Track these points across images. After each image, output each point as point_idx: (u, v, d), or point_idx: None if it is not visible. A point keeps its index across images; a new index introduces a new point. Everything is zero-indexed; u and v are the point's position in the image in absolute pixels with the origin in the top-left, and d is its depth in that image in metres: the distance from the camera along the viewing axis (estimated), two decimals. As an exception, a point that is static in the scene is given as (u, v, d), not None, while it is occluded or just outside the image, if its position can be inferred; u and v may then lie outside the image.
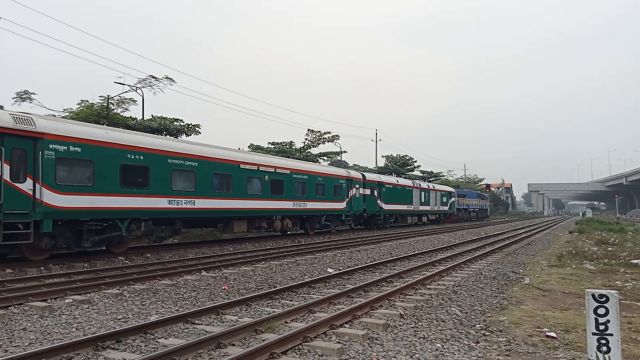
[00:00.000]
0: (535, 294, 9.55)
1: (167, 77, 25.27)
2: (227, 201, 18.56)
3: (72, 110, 23.71)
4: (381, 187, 32.76)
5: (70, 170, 13.01)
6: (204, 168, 17.40)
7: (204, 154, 17.65)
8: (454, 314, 7.60)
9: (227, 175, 18.61)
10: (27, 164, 12.05)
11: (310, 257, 15.23)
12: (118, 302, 8.38)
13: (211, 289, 9.64)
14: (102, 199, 13.72)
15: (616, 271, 13.04)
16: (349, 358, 5.36)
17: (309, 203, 24.05)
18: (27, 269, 11.83)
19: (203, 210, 17.37)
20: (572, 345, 6.06)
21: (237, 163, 19.26)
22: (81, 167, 13.32)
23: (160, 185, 15.53)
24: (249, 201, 19.79)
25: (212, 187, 17.78)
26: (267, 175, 21.01)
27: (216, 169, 18.04)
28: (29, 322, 6.93)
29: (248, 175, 19.80)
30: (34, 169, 12.15)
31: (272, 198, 21.25)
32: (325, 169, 27.88)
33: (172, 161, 16.07)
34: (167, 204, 15.84)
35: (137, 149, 14.85)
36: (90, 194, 13.43)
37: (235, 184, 19.02)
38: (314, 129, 39.63)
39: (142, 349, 5.60)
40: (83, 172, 13.38)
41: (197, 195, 17.00)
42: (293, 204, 22.85)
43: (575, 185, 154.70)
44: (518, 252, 18.22)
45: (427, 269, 12.71)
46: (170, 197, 15.92)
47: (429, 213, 43.36)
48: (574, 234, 29.85)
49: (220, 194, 18.27)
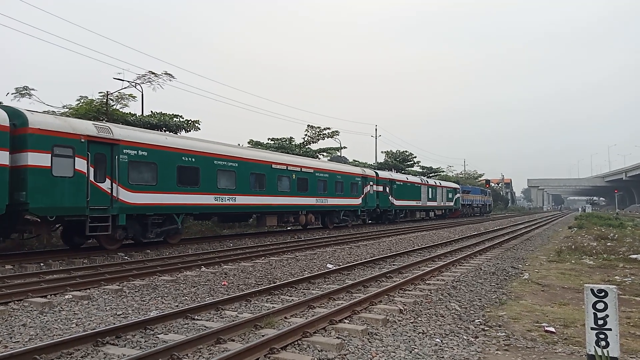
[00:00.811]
0: (535, 289, 9.57)
1: (167, 72, 25.19)
2: (262, 198, 20.69)
3: (72, 107, 23.67)
4: (392, 184, 34.51)
5: (139, 172, 15.04)
6: (243, 168, 19.51)
7: (243, 155, 19.93)
8: (453, 309, 7.61)
9: (261, 175, 20.72)
10: (106, 166, 14.04)
11: (309, 253, 15.25)
12: (118, 298, 8.39)
13: (211, 285, 9.65)
14: (163, 196, 15.77)
15: (615, 266, 13.06)
16: (348, 353, 5.37)
17: (330, 199, 26.16)
18: (26, 265, 11.85)
19: (242, 206, 19.47)
20: (571, 340, 6.08)
21: (269, 163, 21.37)
22: (147, 168, 15.36)
23: (208, 183, 17.60)
24: (280, 198, 21.90)
25: (249, 185, 19.93)
26: (294, 174, 23.11)
27: (252, 169, 20.17)
28: (28, 318, 6.94)
29: (278, 174, 21.89)
30: (112, 171, 14.13)
31: (298, 195, 23.28)
32: (344, 167, 29.60)
33: (217, 162, 18.14)
34: (214, 201, 17.89)
35: (189, 152, 16.97)
36: (154, 191, 15.47)
37: (268, 183, 21.12)
38: (313, 125, 39.60)
39: (142, 345, 5.62)
40: (149, 173, 15.41)
41: (237, 193, 19.11)
42: (316, 200, 24.89)
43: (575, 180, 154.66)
44: (517, 247, 18.25)
45: (427, 264, 12.73)
46: (216, 194, 17.97)
47: (436, 209, 45.15)
48: (574, 229, 29.89)
49: (256, 191, 20.34)
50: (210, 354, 5.27)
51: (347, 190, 28.17)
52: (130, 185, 14.58)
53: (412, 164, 59.66)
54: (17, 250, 14.64)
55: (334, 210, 27.30)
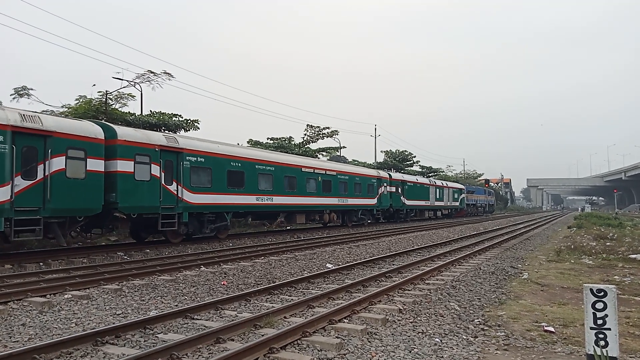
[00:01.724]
0: (534, 289, 9.58)
1: (166, 72, 25.17)
2: (293, 198, 23.02)
3: (71, 106, 23.65)
4: (404, 185, 36.82)
5: (198, 176, 17.23)
6: (278, 172, 21.90)
7: (278, 160, 22.39)
8: (452, 308, 7.62)
9: (293, 177, 23.08)
10: (173, 171, 16.25)
11: (309, 253, 15.25)
12: (117, 297, 8.39)
13: (210, 285, 9.65)
14: (216, 197, 18.03)
15: (614, 266, 13.07)
16: (347, 353, 5.38)
17: (349, 199, 28.60)
18: (26, 264, 11.84)
19: (277, 205, 21.86)
20: (570, 339, 6.08)
21: (299, 167, 23.85)
22: (204, 173, 17.58)
23: (251, 186, 20.01)
24: (308, 198, 24.28)
25: (283, 187, 22.22)
26: (320, 177, 25.50)
27: (286, 172, 22.54)
28: (28, 317, 6.93)
29: (307, 177, 24.27)
30: (177, 175, 16.35)
31: (323, 195, 25.70)
32: (361, 170, 32.24)
33: (258, 167, 20.55)
34: (255, 201, 20.34)
35: (236, 158, 19.39)
36: (210, 193, 17.74)
37: (299, 184, 23.49)
38: (313, 125, 39.60)
39: (141, 344, 5.62)
40: (205, 177, 17.61)
41: (274, 194, 21.46)
42: (338, 200, 27.34)
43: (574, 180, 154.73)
44: (517, 247, 18.26)
45: (426, 264, 12.73)
46: (257, 195, 20.39)
47: (443, 208, 47.34)
48: (573, 229, 29.91)
49: (289, 192, 22.64)
50: (209, 354, 5.27)
51: (364, 191, 30.40)
52: (192, 187, 16.90)
53: (411, 163, 59.67)
54: (16, 250, 14.63)
55: (353, 210, 29.55)
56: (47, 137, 12.62)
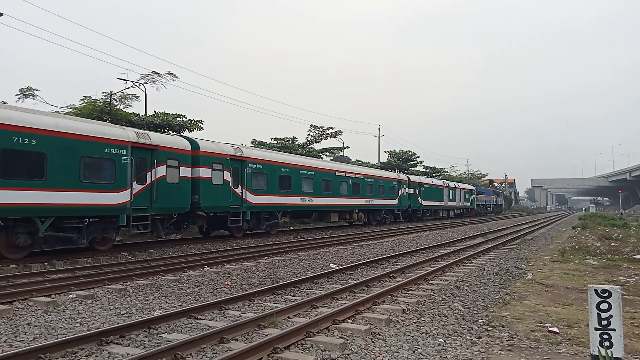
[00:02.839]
0: (538, 290, 9.55)
1: (170, 72, 25.23)
2: (329, 199, 25.93)
3: (75, 107, 23.74)
4: (421, 187, 39.61)
5: (257, 180, 20.17)
6: (317, 176, 24.89)
7: (317, 165, 25.63)
8: (456, 309, 7.61)
9: (328, 180, 25.93)
10: (239, 176, 19.11)
11: (312, 253, 15.25)
12: (121, 297, 8.42)
13: (214, 285, 9.67)
14: (271, 198, 20.98)
15: (619, 266, 13.02)
16: (351, 353, 5.38)
17: (374, 200, 31.39)
18: (31, 264, 11.90)
19: (317, 205, 24.76)
20: (575, 340, 6.07)
21: (334, 171, 26.78)
22: (262, 177, 20.53)
23: (296, 188, 22.89)
24: (340, 199, 27.19)
25: (321, 189, 25.12)
26: (350, 180, 28.37)
27: (323, 176, 25.47)
28: (33, 317, 6.97)
29: (340, 180, 27.11)
30: (242, 179, 19.25)
31: (353, 196, 28.54)
32: (385, 173, 35.52)
33: (301, 172, 23.48)
34: (300, 201, 23.19)
35: (285, 164, 22.36)
36: (266, 194, 20.64)
37: (333, 187, 26.40)
38: (316, 125, 39.59)
39: (145, 344, 5.63)
40: (263, 181, 20.57)
41: (314, 195, 24.42)
42: (365, 201, 30.16)
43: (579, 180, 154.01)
44: (521, 247, 18.21)
45: (430, 264, 12.72)
46: (301, 196, 23.23)
47: (455, 208, 50.02)
48: (577, 229, 29.79)
49: (325, 193, 25.50)
50: (213, 354, 5.29)
51: (387, 192, 33.28)
52: (253, 190, 19.81)
53: (415, 163, 59.54)
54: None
55: (377, 210, 32.47)
56: (153, 150, 15.27)
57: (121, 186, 14.04)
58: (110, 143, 13.86)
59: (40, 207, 12.08)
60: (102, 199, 13.58)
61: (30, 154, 11.89)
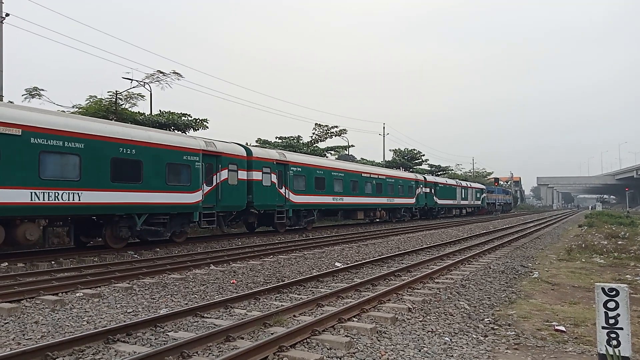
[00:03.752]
0: (544, 288, 9.51)
1: (175, 72, 25.30)
2: (356, 198, 28.49)
3: (81, 106, 23.84)
4: (436, 186, 41.96)
5: (297, 181, 22.76)
6: (346, 177, 27.39)
7: (346, 167, 28.17)
8: (462, 307, 7.59)
9: (356, 181, 28.45)
10: (282, 178, 21.60)
11: (318, 252, 15.26)
12: (128, 295, 8.46)
13: (220, 283, 9.70)
14: (308, 197, 23.52)
15: (626, 265, 12.94)
16: (357, 352, 5.38)
17: (395, 199, 34.07)
18: (38, 263, 11.98)
19: (346, 204, 27.38)
20: (582, 339, 6.04)
21: (360, 173, 29.39)
22: (301, 179, 23.09)
23: (329, 188, 25.46)
24: (366, 198, 29.76)
25: (350, 189, 27.58)
26: (374, 180, 30.89)
27: (352, 177, 28.05)
28: (40, 315, 7.01)
29: (365, 180, 29.66)
30: (285, 181, 21.78)
31: (376, 196, 31.09)
32: (404, 174, 38.49)
33: (333, 174, 26.10)
34: (332, 200, 25.85)
35: (320, 167, 25.09)
36: (305, 194, 23.21)
37: (360, 187, 28.87)
38: (321, 124, 39.58)
39: (152, 342, 5.66)
40: (302, 182, 23.13)
41: (344, 195, 26.94)
42: (387, 200, 32.79)
43: (585, 178, 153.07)
44: (527, 246, 18.14)
45: (435, 262, 12.69)
46: (333, 195, 25.84)
47: (467, 207, 52.33)
48: (584, 227, 29.63)
49: (353, 193, 27.96)
50: (219, 352, 5.30)
51: (406, 192, 35.87)
52: (294, 190, 22.34)
53: (420, 162, 59.41)
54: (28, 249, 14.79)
55: (397, 208, 35.05)
56: (218, 156, 17.77)
57: (195, 187, 16.58)
58: (187, 151, 16.37)
59: (138, 206, 14.61)
60: (182, 199, 16.08)
61: (131, 162, 14.41)
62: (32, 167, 11.88)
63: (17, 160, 11.58)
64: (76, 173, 12.88)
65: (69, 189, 12.65)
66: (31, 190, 11.82)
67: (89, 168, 13.15)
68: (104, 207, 13.65)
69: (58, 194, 12.40)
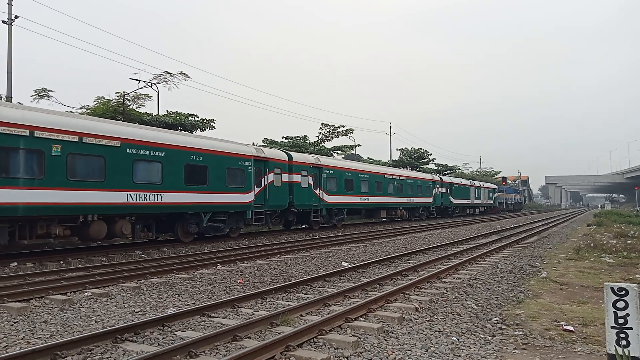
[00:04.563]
0: (553, 288, 9.45)
1: (182, 72, 25.39)
2: (380, 198, 30.73)
3: (89, 107, 24.00)
4: (452, 186, 44.02)
5: (330, 183, 24.91)
6: (372, 179, 29.66)
7: (372, 170, 30.69)
8: (469, 307, 7.56)
9: (380, 182, 30.67)
10: (317, 180, 23.79)
11: (324, 251, 15.26)
12: (136, 295, 8.50)
13: (227, 283, 9.72)
14: (339, 198, 25.79)
15: (636, 264, 12.82)
16: (364, 351, 5.37)
17: (414, 199, 36.28)
18: (47, 262, 12.07)
19: (371, 203, 29.73)
20: (590, 339, 5.99)
21: (383, 174, 31.73)
22: (333, 181, 25.34)
23: (357, 189, 27.79)
24: (389, 198, 32.11)
25: (374, 190, 29.80)
26: (396, 181, 33.10)
27: (376, 179, 30.29)
28: (49, 314, 7.07)
29: (388, 181, 31.92)
30: (319, 183, 23.96)
31: (398, 196, 33.35)
32: (422, 175, 40.56)
33: (360, 175, 28.36)
34: (359, 200, 28.13)
35: (349, 170, 27.25)
36: (336, 195, 25.45)
37: (383, 187, 31.05)
38: (327, 123, 39.57)
39: (159, 341, 5.69)
40: (334, 184, 25.33)
41: (370, 195, 29.21)
42: (407, 200, 34.97)
43: (594, 177, 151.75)
44: (535, 245, 18.03)
45: (443, 262, 12.65)
46: (360, 196, 28.13)
47: (480, 206, 54.32)
48: (592, 226, 29.40)
49: (377, 193, 30.25)
50: (227, 351, 5.32)
51: (424, 192, 38.04)
52: (328, 191, 24.55)
53: (427, 161, 59.23)
54: (37, 249, 14.92)
55: (416, 207, 37.34)
56: (265, 161, 20.12)
57: (248, 189, 18.87)
58: (242, 157, 18.73)
59: (205, 205, 16.90)
60: (238, 199, 18.37)
61: (199, 167, 16.66)
62: (127, 172, 14.23)
63: (117, 167, 13.93)
64: (159, 177, 15.23)
65: (154, 191, 15.02)
66: (127, 192, 14.18)
67: (168, 173, 15.50)
68: (179, 207, 15.99)
69: (146, 195, 14.77)
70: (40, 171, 12.13)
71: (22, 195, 11.70)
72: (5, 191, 11.36)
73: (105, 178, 13.56)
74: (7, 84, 20.20)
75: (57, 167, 12.43)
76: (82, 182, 13.01)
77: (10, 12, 20.70)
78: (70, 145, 12.75)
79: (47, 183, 12.21)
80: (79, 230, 13.45)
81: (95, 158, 13.42)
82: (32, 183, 11.94)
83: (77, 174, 12.96)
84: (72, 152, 12.82)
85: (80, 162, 13.08)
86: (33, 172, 12.03)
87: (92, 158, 13.34)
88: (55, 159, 12.39)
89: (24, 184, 11.78)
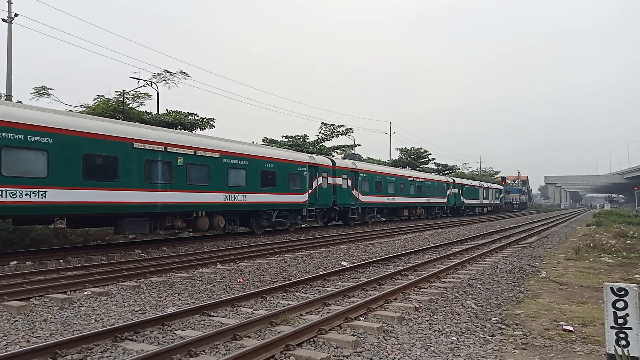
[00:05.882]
0: (552, 288, 9.46)
1: (182, 71, 25.40)
2: (403, 198, 34.23)
3: (89, 106, 23.99)
4: (463, 187, 47.29)
5: (363, 185, 28.21)
6: (397, 181, 33.19)
7: (397, 173, 34.59)
8: (469, 307, 7.56)
9: (403, 184, 34.12)
10: (353, 182, 27.15)
11: (324, 251, 15.26)
12: (135, 294, 8.50)
13: (227, 282, 9.73)
14: (371, 198, 29.35)
15: (635, 264, 12.83)
16: (364, 351, 5.38)
17: (432, 199, 39.39)
18: (46, 261, 12.07)
19: (395, 203, 33.15)
20: (590, 339, 6.00)
21: (406, 177, 35.43)
22: (366, 183, 28.70)
23: (385, 190, 31.16)
24: (411, 198, 35.48)
25: (399, 191, 33.36)
26: (416, 183, 36.60)
27: (400, 181, 33.81)
28: (49, 313, 7.07)
29: (409, 183, 35.34)
30: (355, 184, 27.32)
31: (417, 196, 36.68)
32: (437, 177, 43.97)
33: (388, 178, 31.79)
34: (387, 200, 31.74)
35: (379, 173, 30.89)
36: (369, 195, 28.91)
37: (405, 189, 34.47)
38: (327, 122, 39.58)
39: (159, 340, 5.69)
40: (367, 185, 28.75)
41: (395, 195, 32.76)
42: (425, 200, 38.15)
43: (594, 177, 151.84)
44: (534, 245, 18.04)
45: (442, 262, 12.65)
46: (387, 196, 31.66)
47: (488, 205, 57.32)
48: (592, 226, 29.42)
49: (401, 194, 33.69)
50: (226, 350, 5.32)
51: (440, 192, 41.18)
52: (362, 192, 28.03)
53: (426, 161, 59.24)
54: (37, 247, 14.94)
55: (433, 207, 40.22)
56: (316, 167, 23.67)
57: (304, 190, 22.32)
58: (299, 164, 22.34)
59: (274, 204, 20.47)
60: (297, 199, 21.85)
61: (270, 173, 20.16)
62: (224, 178, 17.70)
63: (217, 174, 17.31)
64: (244, 181, 18.74)
65: (241, 192, 18.48)
66: (223, 194, 17.68)
67: (250, 178, 19.00)
68: (257, 205, 19.53)
69: (236, 196, 18.24)
70: (170, 177, 15.49)
71: (160, 196, 15.10)
72: (151, 193, 14.77)
73: (209, 182, 17.02)
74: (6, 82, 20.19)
75: (181, 174, 15.88)
76: (196, 185, 16.45)
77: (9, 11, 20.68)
78: (189, 157, 16.21)
79: (175, 186, 15.65)
80: (192, 224, 16.80)
81: (204, 167, 16.88)
82: (165, 187, 15.31)
83: (193, 180, 16.31)
84: (190, 163, 16.25)
85: (194, 170, 16.45)
86: (166, 178, 15.34)
87: (202, 167, 16.78)
88: (179, 168, 15.84)
89: (162, 187, 15.19)
